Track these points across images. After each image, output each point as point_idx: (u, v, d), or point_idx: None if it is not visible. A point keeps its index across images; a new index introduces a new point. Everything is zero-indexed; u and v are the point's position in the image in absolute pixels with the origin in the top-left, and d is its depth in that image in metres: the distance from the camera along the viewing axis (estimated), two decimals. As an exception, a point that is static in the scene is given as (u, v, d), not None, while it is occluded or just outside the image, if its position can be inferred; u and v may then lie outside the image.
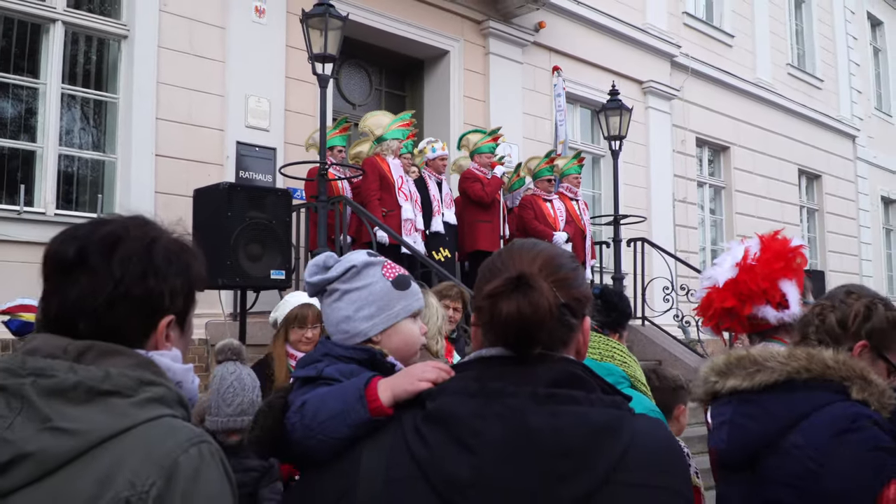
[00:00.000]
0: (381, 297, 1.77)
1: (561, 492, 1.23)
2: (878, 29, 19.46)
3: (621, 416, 1.31)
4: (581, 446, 1.25)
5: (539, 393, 1.29)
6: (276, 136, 8.02)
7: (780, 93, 15.20)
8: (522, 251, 1.44)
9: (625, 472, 1.24)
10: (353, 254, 1.81)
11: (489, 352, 1.39)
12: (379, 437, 1.38)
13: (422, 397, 1.37)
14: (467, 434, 1.27)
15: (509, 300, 1.30)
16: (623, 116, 9.61)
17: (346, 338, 1.73)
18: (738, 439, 1.80)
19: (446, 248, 7.85)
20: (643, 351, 8.45)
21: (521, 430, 1.26)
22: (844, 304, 1.99)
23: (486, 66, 10.17)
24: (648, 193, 12.22)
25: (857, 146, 17.49)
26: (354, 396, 1.43)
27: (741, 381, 1.82)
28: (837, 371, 1.76)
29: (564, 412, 1.28)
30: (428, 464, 1.27)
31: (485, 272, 1.44)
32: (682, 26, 13.37)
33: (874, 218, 17.98)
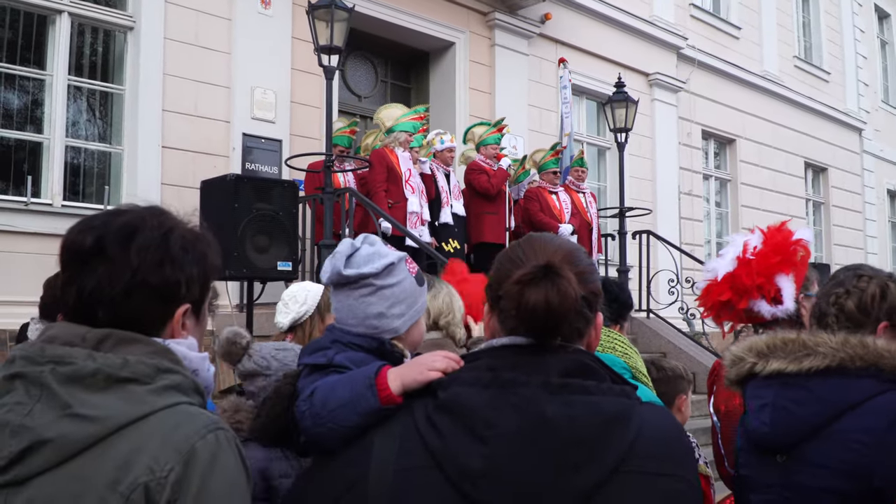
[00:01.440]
0: (410, 295, 1.77)
1: (574, 481, 1.25)
2: (885, 21, 19.37)
3: (631, 405, 1.34)
4: (594, 435, 1.27)
5: (552, 382, 1.31)
6: (282, 128, 8.03)
7: (786, 85, 15.15)
8: (544, 242, 1.45)
9: (634, 460, 1.27)
10: (377, 246, 1.78)
11: (500, 341, 1.40)
12: (390, 425, 1.39)
13: (432, 387, 1.38)
14: (481, 425, 1.28)
15: (538, 288, 1.32)
16: (629, 109, 9.58)
17: (375, 332, 1.72)
18: (784, 423, 1.77)
19: (455, 240, 7.86)
20: (648, 343, 8.45)
21: (536, 421, 1.27)
22: (858, 289, 1.98)
23: (491, 58, 10.16)
24: (654, 186, 12.20)
25: (863, 139, 17.43)
26: (364, 385, 1.44)
27: (787, 364, 1.80)
28: (891, 360, 1.74)
29: (577, 402, 1.30)
30: (441, 453, 1.28)
31: (504, 262, 1.45)
32: (689, 18, 13.33)
33: (880, 211, 17.93)
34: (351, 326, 1.73)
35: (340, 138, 7.56)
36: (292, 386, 1.62)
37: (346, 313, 1.74)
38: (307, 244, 7.07)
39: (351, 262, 1.74)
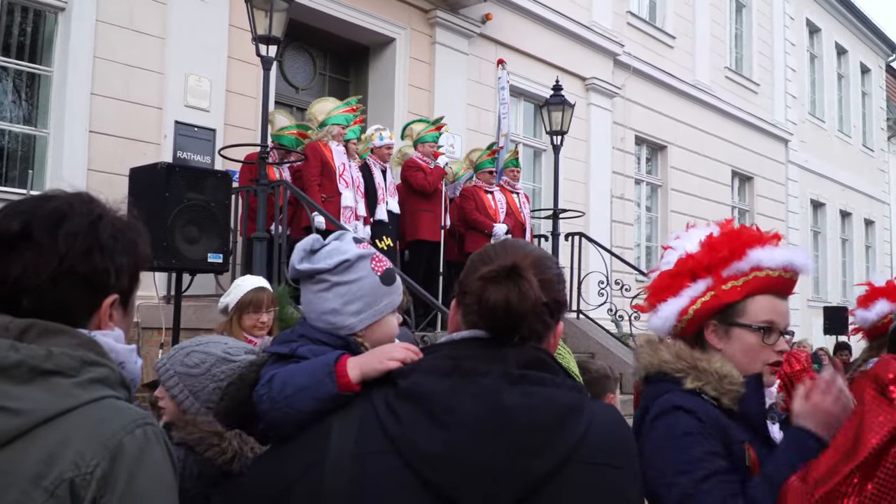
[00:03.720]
0: (369, 293, 1.77)
1: (529, 467, 1.30)
2: (815, 35, 20.04)
3: (582, 398, 1.41)
4: (550, 425, 1.33)
5: (511, 373, 1.36)
6: (217, 117, 7.88)
7: (717, 95, 15.55)
8: (516, 247, 1.52)
9: (585, 450, 1.34)
10: (343, 242, 1.79)
11: (461, 335, 1.45)
12: (348, 412, 1.42)
13: (392, 376, 1.42)
14: (441, 410, 1.32)
15: (499, 287, 1.37)
16: (565, 112, 9.71)
17: (330, 328, 1.74)
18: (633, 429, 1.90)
19: (389, 237, 7.83)
20: (577, 344, 8.56)
21: (495, 408, 1.32)
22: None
23: (431, 56, 10.16)
24: (587, 189, 12.38)
25: (789, 150, 18.01)
26: (323, 371, 1.47)
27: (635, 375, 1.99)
28: (670, 364, 1.86)
29: (535, 392, 1.35)
30: (400, 439, 1.32)
31: (476, 261, 1.50)
32: (626, 26, 13.56)
33: (803, 220, 18.55)
34: (312, 321, 1.76)
35: (287, 138, 7.45)
36: (256, 373, 1.64)
37: (307, 307, 1.79)
38: (238, 237, 6.96)
39: (312, 258, 1.76)
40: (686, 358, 1.85)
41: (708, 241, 1.95)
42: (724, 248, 1.91)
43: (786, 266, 1.89)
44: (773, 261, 1.88)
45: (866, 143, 21.95)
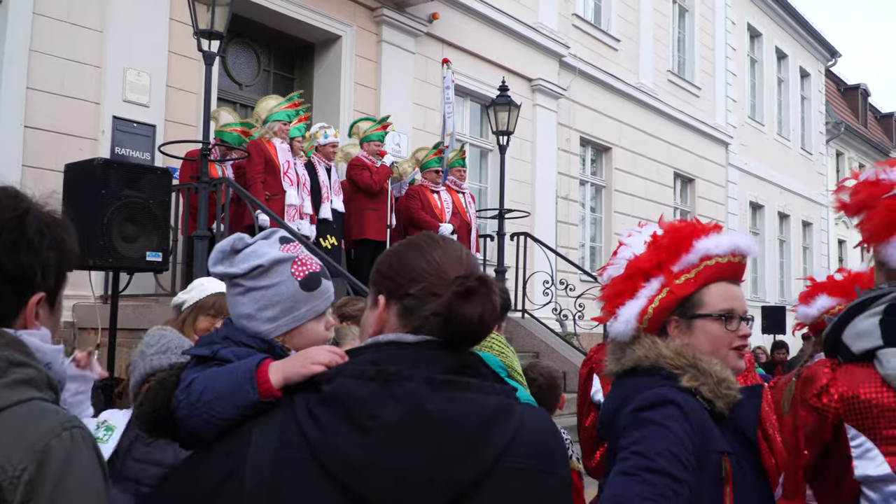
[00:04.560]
0: (286, 299, 1.71)
1: (453, 474, 1.27)
2: (756, 40, 20.48)
3: (511, 403, 1.38)
4: (474, 431, 1.30)
5: (435, 378, 1.33)
6: (157, 113, 7.71)
7: (660, 98, 15.79)
8: (456, 250, 1.48)
9: (513, 456, 1.31)
10: (263, 245, 1.72)
11: (386, 337, 1.42)
12: (269, 418, 1.37)
13: (315, 380, 1.37)
14: (363, 416, 1.29)
15: (474, 302, 1.37)
16: (511, 112, 9.77)
17: (247, 332, 1.70)
18: (601, 417, 1.93)
19: (333, 236, 7.76)
20: (522, 343, 8.61)
21: (417, 414, 1.29)
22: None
23: (378, 54, 10.11)
24: (533, 189, 12.46)
25: (729, 152, 18.39)
26: (244, 377, 1.42)
27: (611, 366, 1.97)
28: (668, 359, 1.84)
29: (460, 398, 1.33)
30: (321, 445, 1.28)
31: (417, 261, 1.45)
32: (572, 28, 13.69)
33: (742, 222, 18.96)
34: (234, 322, 1.72)
35: (229, 135, 7.32)
36: (177, 377, 1.57)
37: (230, 309, 1.74)
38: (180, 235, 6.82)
39: (233, 259, 1.71)
40: (687, 356, 1.84)
41: (653, 239, 1.97)
42: (671, 243, 1.92)
43: (733, 251, 1.91)
44: (720, 247, 1.90)
45: (805, 147, 22.53)
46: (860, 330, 1.64)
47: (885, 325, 1.59)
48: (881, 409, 1.55)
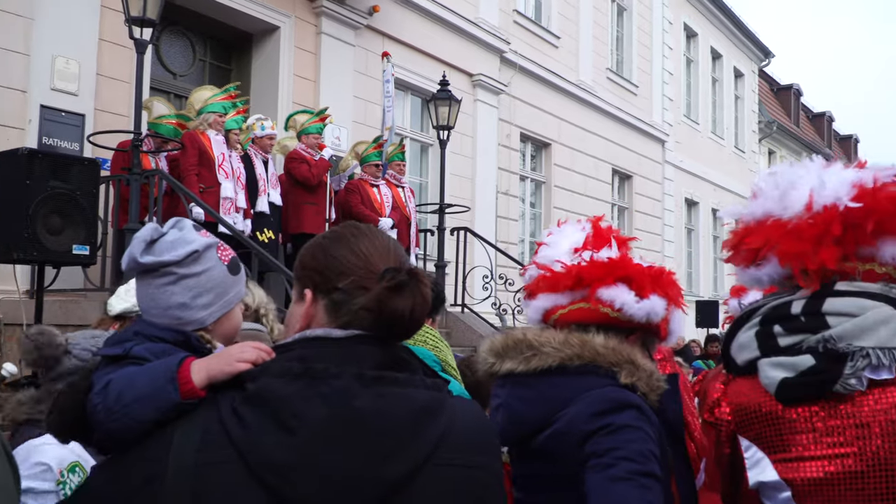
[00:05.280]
0: (218, 284, 1.68)
1: (384, 472, 1.25)
2: (692, 40, 20.87)
3: (443, 398, 1.36)
4: (405, 427, 1.29)
5: (365, 374, 1.31)
6: (86, 102, 7.47)
7: (599, 95, 15.97)
8: (383, 241, 1.46)
9: (445, 452, 1.30)
10: (185, 231, 1.68)
11: (314, 332, 1.38)
12: (192, 419, 1.32)
13: (241, 378, 1.33)
14: (289, 415, 1.25)
15: (404, 296, 1.35)
16: (452, 107, 9.75)
17: (178, 324, 1.64)
18: (513, 421, 1.85)
19: (270, 230, 7.65)
20: (462, 337, 8.62)
21: (345, 412, 1.27)
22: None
23: (317, 46, 9.98)
24: (473, 184, 12.48)
25: (665, 150, 18.71)
26: (165, 377, 1.35)
27: (517, 365, 1.87)
28: (606, 357, 1.83)
29: (389, 393, 1.30)
30: (246, 446, 1.24)
31: (344, 253, 1.42)
32: (512, 24, 13.73)
33: (678, 218, 19.32)
34: (154, 317, 1.64)
35: (165, 127, 7.14)
36: (87, 380, 1.50)
37: (149, 303, 1.66)
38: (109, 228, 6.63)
39: (153, 249, 1.64)
40: (622, 351, 1.84)
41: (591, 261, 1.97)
42: (602, 273, 1.92)
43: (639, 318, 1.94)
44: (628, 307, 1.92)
45: (738, 145, 23.06)
46: (741, 342, 1.67)
47: (760, 336, 1.62)
48: (766, 417, 1.58)
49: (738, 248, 1.70)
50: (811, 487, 1.51)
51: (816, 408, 1.52)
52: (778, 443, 1.56)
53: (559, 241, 2.08)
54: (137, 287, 1.67)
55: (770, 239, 1.62)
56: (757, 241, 1.64)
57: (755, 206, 1.68)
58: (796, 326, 1.57)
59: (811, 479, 1.51)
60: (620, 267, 1.92)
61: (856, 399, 1.49)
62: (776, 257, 1.61)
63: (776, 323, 1.60)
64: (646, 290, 1.88)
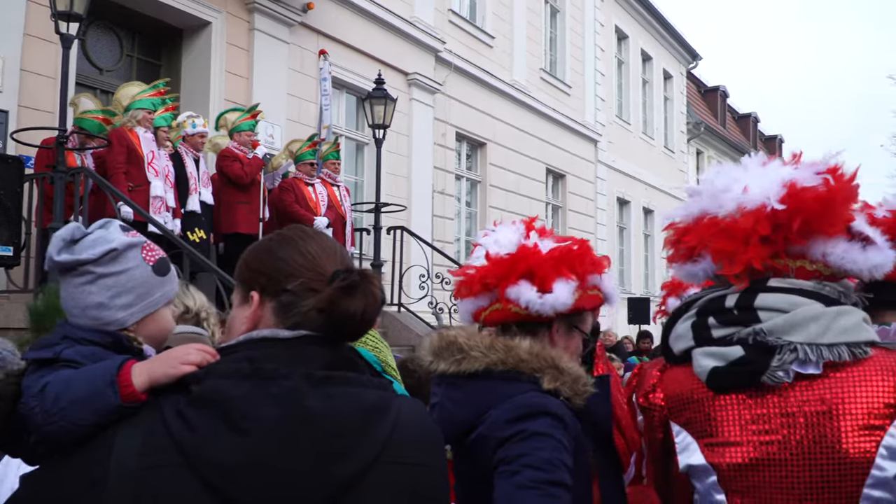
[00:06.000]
0: (140, 284, 1.64)
1: (335, 471, 1.26)
2: (623, 42, 21.24)
3: (389, 397, 1.39)
4: (355, 426, 1.30)
5: (314, 374, 1.31)
6: (9, 98, 7.21)
7: (533, 96, 16.13)
8: (329, 243, 1.47)
9: (393, 450, 1.32)
10: (109, 231, 1.64)
11: (260, 333, 1.38)
12: (133, 423, 1.30)
13: (185, 381, 1.31)
14: (239, 417, 1.25)
15: (356, 297, 1.36)
16: (388, 106, 9.73)
17: (96, 324, 1.60)
18: (445, 421, 1.87)
19: (201, 229, 7.50)
20: (398, 336, 8.61)
21: (296, 412, 1.27)
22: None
23: (250, 42, 9.83)
24: (409, 183, 12.47)
25: (598, 150, 18.99)
26: (105, 381, 1.33)
27: (449, 366, 1.90)
28: (529, 363, 1.85)
29: (339, 393, 1.31)
30: (192, 449, 1.23)
31: (292, 255, 1.42)
32: (448, 23, 13.77)
33: (610, 217, 19.64)
34: (75, 318, 1.61)
35: (89, 122, 6.93)
36: (16, 385, 1.45)
37: (70, 303, 1.62)
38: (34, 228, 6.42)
39: (73, 248, 1.61)
40: (546, 357, 1.86)
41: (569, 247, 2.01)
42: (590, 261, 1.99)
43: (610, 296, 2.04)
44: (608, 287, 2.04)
45: (668, 145, 23.56)
46: (678, 332, 1.72)
47: (695, 327, 1.67)
48: (697, 404, 1.63)
49: (677, 245, 1.75)
50: (735, 472, 1.56)
51: (744, 396, 1.57)
52: (707, 428, 1.60)
53: (493, 241, 2.11)
54: (62, 288, 1.64)
55: (704, 237, 1.66)
56: (693, 239, 1.69)
57: (693, 205, 1.72)
58: (729, 319, 1.62)
59: (735, 464, 1.56)
60: (521, 261, 1.94)
61: (783, 391, 1.55)
62: (710, 254, 1.66)
63: (711, 315, 1.65)
64: (548, 281, 1.90)
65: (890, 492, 1.47)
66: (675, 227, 1.76)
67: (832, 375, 1.53)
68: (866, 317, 1.60)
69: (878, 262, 1.59)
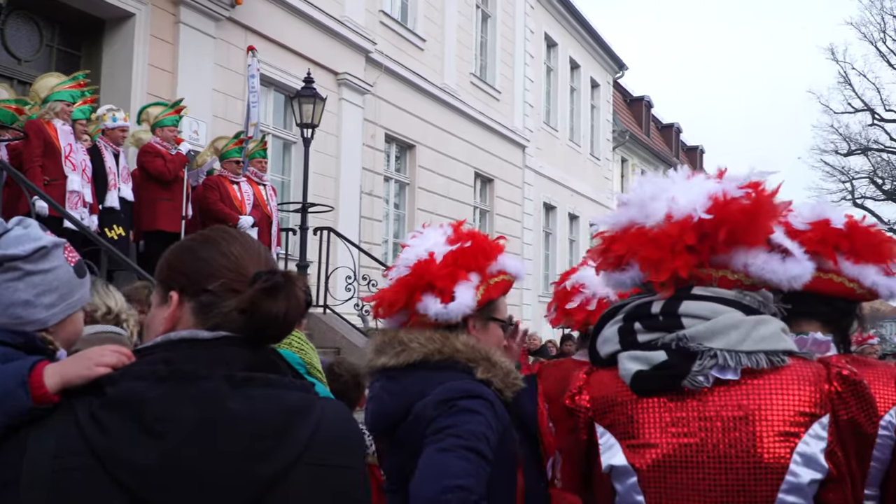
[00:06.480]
0: (64, 284, 1.63)
1: (255, 472, 1.25)
2: (552, 49, 21.53)
3: (311, 398, 1.38)
4: (275, 428, 1.29)
5: (235, 376, 1.30)
6: (-82, 86, 6.90)
7: (463, 100, 16.21)
8: (252, 244, 1.46)
9: (314, 452, 1.31)
10: (31, 229, 1.61)
11: (178, 335, 1.36)
12: (46, 425, 1.26)
13: (100, 383, 1.28)
14: (156, 419, 1.23)
15: (278, 299, 1.35)
16: (316, 105, 9.65)
17: (15, 323, 1.56)
18: (380, 413, 2.00)
19: (120, 226, 7.29)
20: (323, 338, 8.53)
21: (216, 414, 1.25)
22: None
23: (175, 36, 9.60)
24: (337, 184, 12.38)
25: (526, 155, 19.20)
26: (15, 381, 1.29)
27: (389, 359, 2.03)
28: (465, 354, 1.98)
29: (260, 395, 1.30)
30: (107, 452, 1.20)
31: (213, 255, 1.41)
32: (379, 24, 13.72)
33: (536, 222, 19.88)
34: None
35: (2, 112, 6.65)
36: None
37: None
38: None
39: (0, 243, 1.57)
40: (481, 350, 1.99)
41: (463, 241, 2.15)
42: (483, 250, 2.14)
43: (517, 273, 2.17)
44: (513, 268, 2.18)
45: (594, 153, 23.98)
46: (605, 336, 1.76)
47: (621, 331, 1.71)
48: (621, 406, 1.67)
49: (605, 254, 1.78)
50: (654, 473, 1.59)
51: (666, 399, 1.61)
52: (629, 430, 1.64)
53: (420, 244, 2.16)
54: None
55: (633, 246, 1.70)
56: (621, 247, 1.73)
57: (621, 214, 1.76)
58: (654, 325, 1.66)
59: (655, 465, 1.59)
60: (419, 277, 2.05)
61: (703, 395, 1.59)
62: (638, 263, 1.70)
63: (637, 320, 1.69)
64: (448, 290, 2.02)
65: (804, 498, 1.51)
66: (604, 235, 1.79)
67: (750, 382, 1.57)
68: (784, 326, 1.65)
69: (796, 273, 1.64)
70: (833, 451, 1.53)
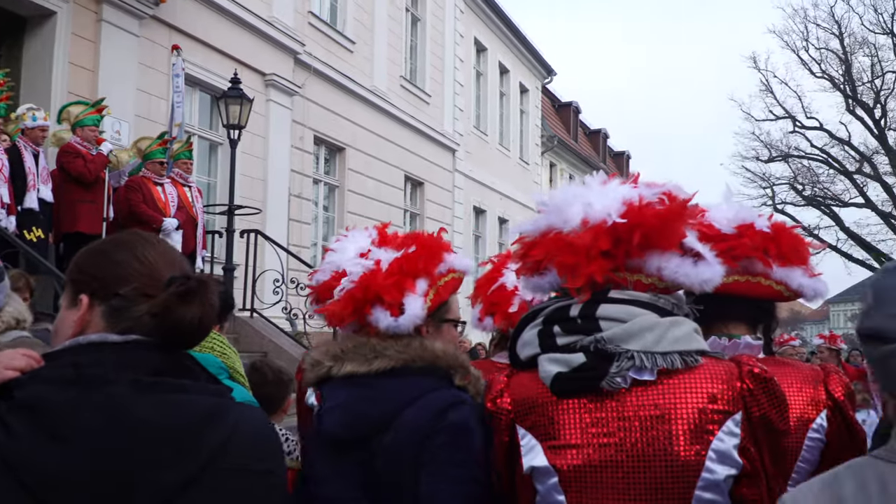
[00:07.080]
0: None
1: (163, 478, 1.23)
2: (482, 54, 21.69)
3: (225, 403, 1.37)
4: (185, 433, 1.28)
5: (142, 381, 1.29)
6: None
7: (393, 103, 16.20)
8: (167, 248, 1.45)
9: (228, 457, 1.30)
10: None
11: (88, 338, 1.34)
12: None
13: (9, 387, 1.26)
14: (61, 424, 1.21)
15: (192, 305, 1.34)
16: (243, 106, 9.53)
17: None
18: (354, 420, 1.92)
19: (39, 228, 7.08)
20: (251, 342, 8.44)
21: (122, 419, 1.24)
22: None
23: (97, 34, 9.37)
24: (265, 186, 12.24)
25: (456, 159, 19.30)
26: None
27: (359, 367, 1.95)
28: (445, 360, 1.96)
29: (168, 400, 1.29)
30: (14, 457, 1.19)
31: (127, 259, 1.39)
32: (307, 26, 13.63)
33: (466, 225, 19.99)
34: None
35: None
36: None
37: None
38: None
39: None
40: (455, 356, 1.99)
41: (405, 244, 2.10)
42: (429, 251, 2.10)
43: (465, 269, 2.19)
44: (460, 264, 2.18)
45: (523, 157, 24.24)
46: (525, 340, 1.80)
47: (541, 334, 1.75)
48: (541, 408, 1.71)
49: (525, 258, 1.81)
50: (575, 473, 1.63)
51: (585, 401, 1.65)
52: (550, 431, 1.68)
53: (346, 247, 2.14)
54: None
55: (550, 251, 1.73)
56: (540, 252, 1.76)
57: (540, 220, 1.79)
58: (573, 328, 1.69)
59: (575, 465, 1.63)
60: (366, 290, 1.99)
61: (621, 396, 1.63)
62: (555, 268, 1.74)
63: (556, 324, 1.72)
64: (396, 303, 1.96)
65: (720, 494, 1.57)
66: (524, 240, 1.82)
67: (666, 382, 1.62)
68: (697, 327, 1.71)
69: (707, 276, 1.69)
70: (746, 448, 1.58)
